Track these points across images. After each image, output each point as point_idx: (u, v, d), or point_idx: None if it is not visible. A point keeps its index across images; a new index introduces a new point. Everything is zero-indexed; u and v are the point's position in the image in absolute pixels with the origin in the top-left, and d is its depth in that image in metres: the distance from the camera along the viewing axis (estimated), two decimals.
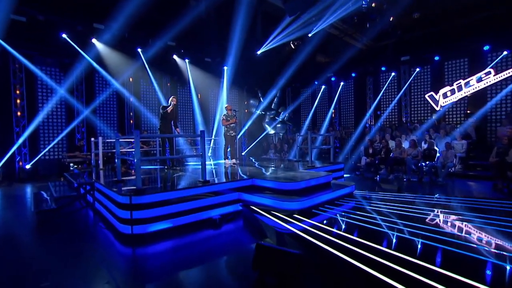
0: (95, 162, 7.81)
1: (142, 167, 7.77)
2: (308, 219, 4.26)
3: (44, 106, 9.96)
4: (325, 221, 4.12)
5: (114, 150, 9.57)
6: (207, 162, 8.87)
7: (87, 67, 10.35)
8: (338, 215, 4.41)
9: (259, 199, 4.71)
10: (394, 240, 3.24)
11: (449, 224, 3.87)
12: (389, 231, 3.54)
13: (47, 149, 10.04)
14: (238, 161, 8.21)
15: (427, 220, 3.98)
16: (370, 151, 9.23)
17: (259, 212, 4.50)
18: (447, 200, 5.18)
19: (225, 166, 7.47)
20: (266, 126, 15.52)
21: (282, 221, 4.12)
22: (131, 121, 11.54)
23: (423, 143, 9.11)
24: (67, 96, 10.26)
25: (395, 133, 10.61)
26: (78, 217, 4.92)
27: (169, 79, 12.59)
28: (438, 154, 7.78)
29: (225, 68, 13.22)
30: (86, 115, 10.62)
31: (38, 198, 5.48)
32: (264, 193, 4.85)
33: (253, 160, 9.61)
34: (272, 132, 15.46)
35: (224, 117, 7.88)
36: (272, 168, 7.03)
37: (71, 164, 9.51)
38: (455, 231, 3.53)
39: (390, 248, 2.96)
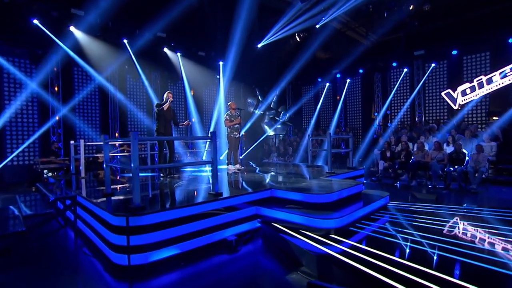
0: (75, 169, 6.96)
1: (129, 175, 7.02)
2: (347, 239, 3.65)
3: (11, 103, 8.99)
4: (367, 242, 3.54)
5: (97, 155, 8.77)
6: (206, 168, 8.21)
7: (64, 58, 9.47)
8: (379, 233, 3.82)
9: (284, 215, 4.05)
10: (465, 269, 2.65)
11: None
12: (455, 257, 2.96)
13: (15, 154, 9.06)
14: (242, 167, 7.55)
15: (495, 242, 3.42)
16: (388, 154, 8.74)
17: (284, 231, 3.85)
18: (501, 213, 4.66)
19: (228, 173, 6.81)
20: (265, 127, 14.91)
21: (314, 242, 3.51)
22: (117, 121, 10.67)
23: (445, 145, 8.71)
24: (41, 91, 9.32)
25: (411, 134, 10.19)
26: (55, 240, 4.12)
27: (159, 74, 11.80)
28: (467, 158, 7.34)
29: (221, 63, 12.59)
30: (64, 114, 9.69)
31: (2, 216, 4.63)
32: (287, 207, 4.21)
33: (254, 165, 8.94)
34: (271, 133, 14.85)
35: (227, 116, 7.24)
36: (286, 175, 6.40)
37: (45, 171, 8.59)
38: None
39: (464, 280, 2.38)
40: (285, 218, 4.06)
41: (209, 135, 4.04)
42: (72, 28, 8.94)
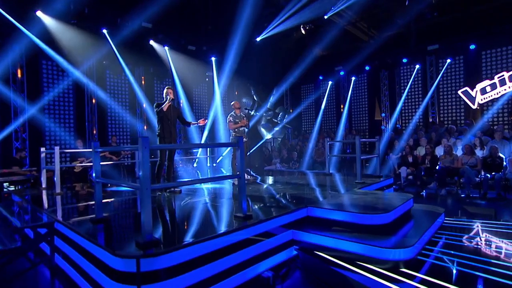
0: (46, 182, 5.98)
1: (113, 189, 6.12)
2: (417, 272, 3.04)
3: None
4: (437, 274, 2.97)
5: (72, 165, 7.74)
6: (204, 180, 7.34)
7: (29, 49, 8.43)
8: (445, 261, 3.25)
9: (331, 242, 3.36)
10: None
11: None
12: None
13: None
14: (250, 177, 6.81)
15: None
16: (410, 159, 8.27)
17: (336, 263, 3.18)
18: None
19: (234, 185, 6.09)
20: (262, 130, 14.22)
21: (383, 279, 2.88)
22: (95, 124, 9.66)
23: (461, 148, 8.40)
24: (1, 88, 8.21)
25: (427, 136, 9.81)
26: (23, 286, 3.22)
27: (144, 70, 10.87)
28: (504, 163, 6.95)
29: (213, 59, 11.91)
30: (30, 116, 8.58)
31: None
32: (333, 231, 3.53)
33: (254, 173, 8.21)
34: (268, 137, 14.19)
35: (231, 118, 6.52)
36: (309, 186, 5.74)
37: (6, 185, 7.49)
38: None
39: None
40: (332, 245, 3.37)
41: (235, 140, 3.30)
42: (39, 13, 7.96)
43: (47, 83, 9.08)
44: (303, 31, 10.43)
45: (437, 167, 7.70)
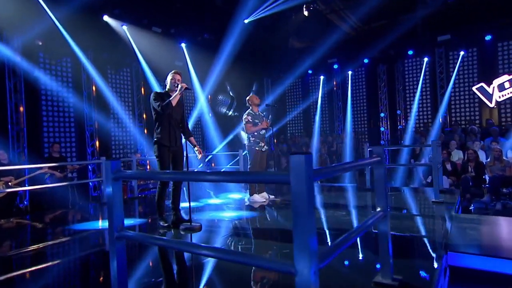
0: None
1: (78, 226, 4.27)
2: None
3: None
4: None
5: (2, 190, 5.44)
6: (213, 201, 5.68)
7: None
8: None
9: None
10: None
11: None
12: None
13: None
14: (272, 196, 5.47)
15: None
16: (449, 167, 7.57)
17: None
18: None
19: (254, 208, 4.83)
20: (242, 134, 12.83)
21: None
22: (23, 127, 7.37)
23: (509, 152, 8.01)
24: None
25: (446, 138, 9.33)
26: None
27: (92, 55, 8.80)
28: None
29: (183, 45, 10.43)
30: None
31: None
32: None
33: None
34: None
35: (249, 118, 5.33)
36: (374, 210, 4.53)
37: None
38: None
39: None
40: None
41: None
42: None
43: None
44: (305, 13, 9.34)
45: (483, 176, 7.08)
